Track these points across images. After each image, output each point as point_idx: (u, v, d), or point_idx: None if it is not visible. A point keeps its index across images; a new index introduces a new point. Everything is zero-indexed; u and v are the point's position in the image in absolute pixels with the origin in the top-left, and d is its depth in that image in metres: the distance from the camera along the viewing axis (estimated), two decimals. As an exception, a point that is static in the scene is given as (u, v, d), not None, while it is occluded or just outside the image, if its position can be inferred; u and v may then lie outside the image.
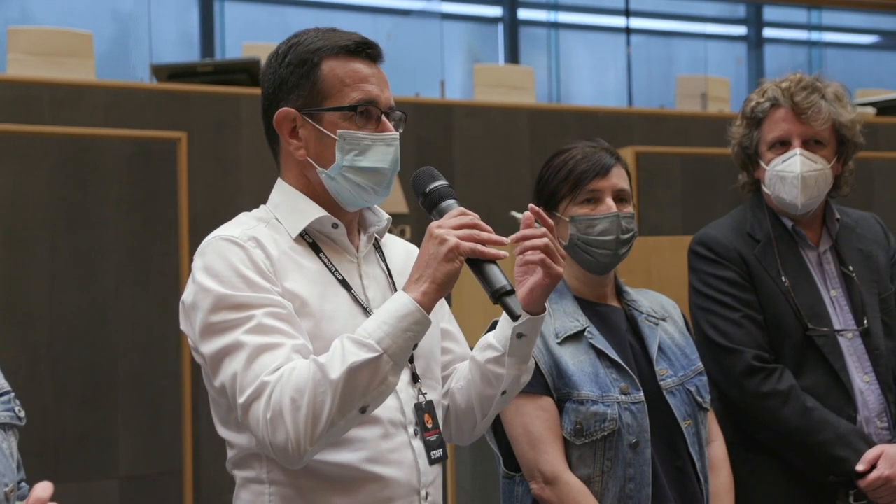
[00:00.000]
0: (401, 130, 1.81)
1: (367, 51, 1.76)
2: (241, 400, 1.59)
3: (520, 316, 1.60)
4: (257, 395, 1.57)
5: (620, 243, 2.17)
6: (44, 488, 1.46)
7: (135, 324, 4.56)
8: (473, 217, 1.63)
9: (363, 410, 1.58)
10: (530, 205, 1.77)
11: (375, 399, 1.58)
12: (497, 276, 1.61)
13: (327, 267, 1.75)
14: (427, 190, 1.72)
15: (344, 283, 1.75)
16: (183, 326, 1.71)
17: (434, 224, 1.62)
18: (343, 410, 1.55)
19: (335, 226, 1.78)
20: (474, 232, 1.60)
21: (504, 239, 1.63)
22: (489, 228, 1.62)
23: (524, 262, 1.75)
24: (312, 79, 1.74)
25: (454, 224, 1.61)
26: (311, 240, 1.77)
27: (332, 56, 1.74)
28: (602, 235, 2.16)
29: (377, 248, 1.88)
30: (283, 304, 1.64)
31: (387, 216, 1.88)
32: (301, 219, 1.76)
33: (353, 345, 1.56)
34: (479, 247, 1.59)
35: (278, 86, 1.77)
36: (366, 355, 1.54)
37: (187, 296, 1.69)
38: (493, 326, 2.17)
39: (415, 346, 1.62)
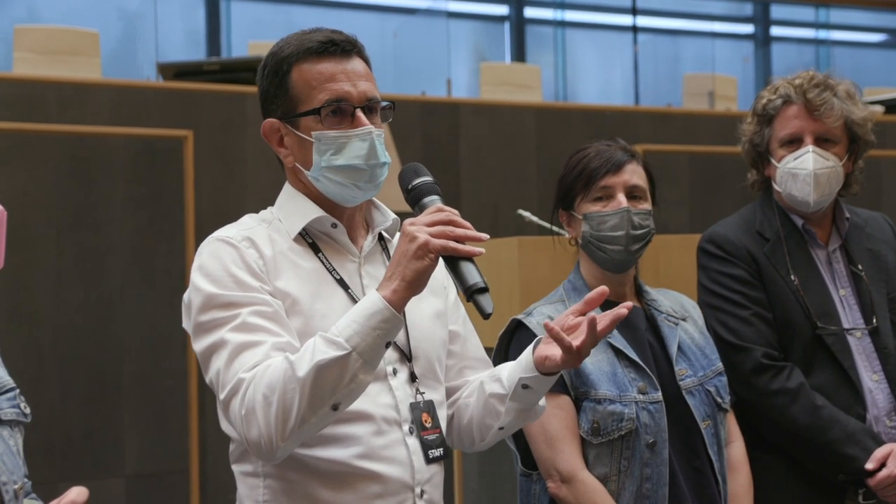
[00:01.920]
0: (389, 120, 1.82)
1: (331, 48, 1.76)
2: (221, 396, 1.64)
3: (490, 314, 1.59)
4: (234, 391, 1.61)
5: (632, 239, 2.16)
6: (79, 493, 1.47)
7: (140, 322, 4.57)
8: (449, 213, 1.62)
9: (335, 408, 1.59)
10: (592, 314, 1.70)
11: (347, 397, 1.60)
12: (471, 272, 1.60)
13: (325, 266, 1.77)
14: (409, 186, 1.72)
15: (341, 283, 1.76)
16: (184, 324, 1.76)
17: (408, 221, 1.62)
18: (313, 407, 1.57)
19: (334, 225, 1.79)
20: (448, 228, 1.59)
21: (481, 235, 1.61)
22: (466, 224, 1.61)
23: (555, 338, 1.69)
24: (285, 87, 1.77)
25: (427, 221, 1.61)
26: (310, 240, 1.79)
27: (301, 60, 1.76)
28: (613, 231, 2.15)
29: (385, 248, 1.88)
30: (269, 303, 1.67)
31: (393, 216, 1.88)
32: (300, 219, 1.78)
33: (323, 342, 1.58)
34: (451, 244, 1.58)
35: (264, 98, 1.82)
36: (334, 353, 1.56)
37: (185, 295, 1.73)
38: (512, 324, 2.17)
39: (388, 345, 1.62)
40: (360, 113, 1.75)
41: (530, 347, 1.79)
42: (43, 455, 4.25)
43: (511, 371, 1.82)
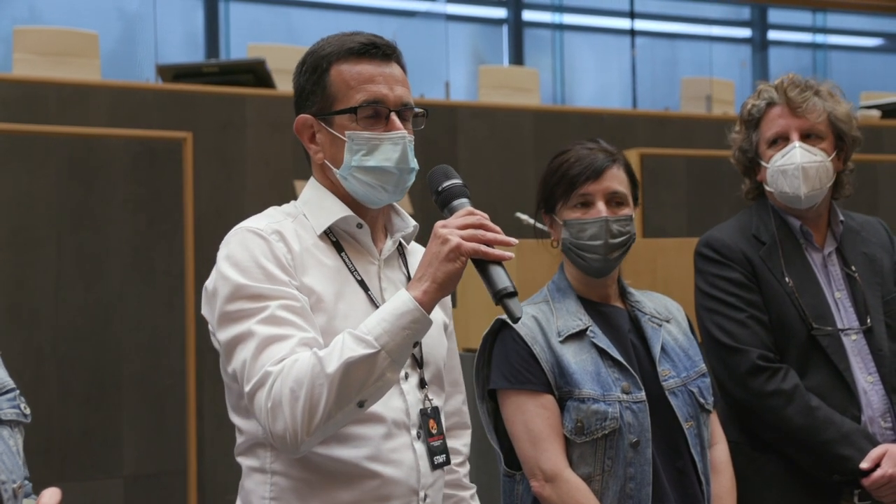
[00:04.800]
0: (421, 126, 1.83)
1: (372, 51, 1.78)
2: (247, 388, 1.63)
3: (519, 318, 1.61)
4: (261, 384, 1.61)
5: (610, 248, 2.16)
6: (51, 495, 1.47)
7: (140, 323, 4.57)
8: (480, 217, 1.64)
9: (361, 405, 1.61)
10: None
11: (373, 394, 1.61)
12: (500, 276, 1.61)
13: (347, 266, 1.78)
14: (439, 189, 1.73)
15: (362, 284, 1.78)
16: (204, 311, 1.76)
17: (439, 223, 1.64)
18: (340, 404, 1.58)
19: (359, 226, 1.81)
20: (479, 232, 1.61)
21: (511, 239, 1.63)
22: (496, 228, 1.63)
23: None
24: (323, 84, 1.79)
25: (459, 224, 1.62)
26: (334, 238, 1.80)
27: (341, 60, 1.78)
28: (591, 240, 2.15)
29: (402, 253, 1.90)
30: (297, 297, 1.68)
31: (414, 223, 1.90)
32: (327, 217, 1.79)
33: (352, 340, 1.59)
34: (483, 247, 1.60)
35: (299, 94, 1.83)
36: (363, 351, 1.57)
37: (210, 282, 1.73)
38: (496, 324, 2.18)
39: (415, 345, 1.64)
40: (394, 116, 1.77)
41: None
42: (41, 455, 4.25)
43: None
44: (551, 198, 2.22)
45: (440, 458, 1.78)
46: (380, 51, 1.79)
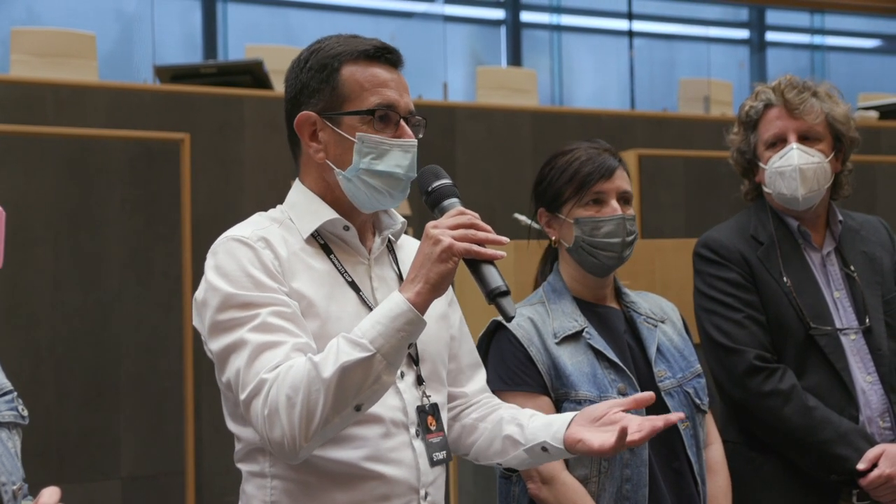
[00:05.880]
0: (420, 136, 1.82)
1: (386, 56, 1.78)
2: (242, 396, 1.63)
3: (513, 317, 1.61)
4: (256, 392, 1.61)
5: (625, 245, 2.17)
6: (51, 494, 1.46)
7: (138, 325, 4.57)
8: (471, 216, 1.63)
9: (358, 408, 1.60)
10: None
11: (370, 398, 1.61)
12: (493, 276, 1.61)
13: (337, 268, 1.77)
14: (429, 189, 1.73)
15: (353, 285, 1.77)
16: (195, 323, 1.75)
17: (430, 224, 1.63)
18: (337, 408, 1.57)
19: (346, 228, 1.79)
20: (470, 232, 1.61)
21: (502, 238, 1.63)
22: (487, 228, 1.63)
23: (619, 433, 1.64)
24: (332, 83, 1.77)
25: (450, 224, 1.62)
26: (322, 241, 1.79)
27: (352, 61, 1.77)
28: (608, 238, 2.15)
29: (391, 250, 1.89)
30: (287, 304, 1.67)
31: (402, 219, 1.89)
32: (313, 220, 1.78)
33: (347, 344, 1.58)
34: (475, 247, 1.60)
35: (300, 90, 1.80)
36: (358, 355, 1.57)
37: (199, 293, 1.73)
38: (492, 325, 2.18)
39: (410, 346, 1.63)
40: (404, 123, 1.77)
41: (567, 418, 1.78)
42: (39, 457, 4.25)
43: (535, 427, 1.82)
44: (558, 196, 2.21)
45: (440, 455, 1.78)
46: (393, 56, 1.80)
